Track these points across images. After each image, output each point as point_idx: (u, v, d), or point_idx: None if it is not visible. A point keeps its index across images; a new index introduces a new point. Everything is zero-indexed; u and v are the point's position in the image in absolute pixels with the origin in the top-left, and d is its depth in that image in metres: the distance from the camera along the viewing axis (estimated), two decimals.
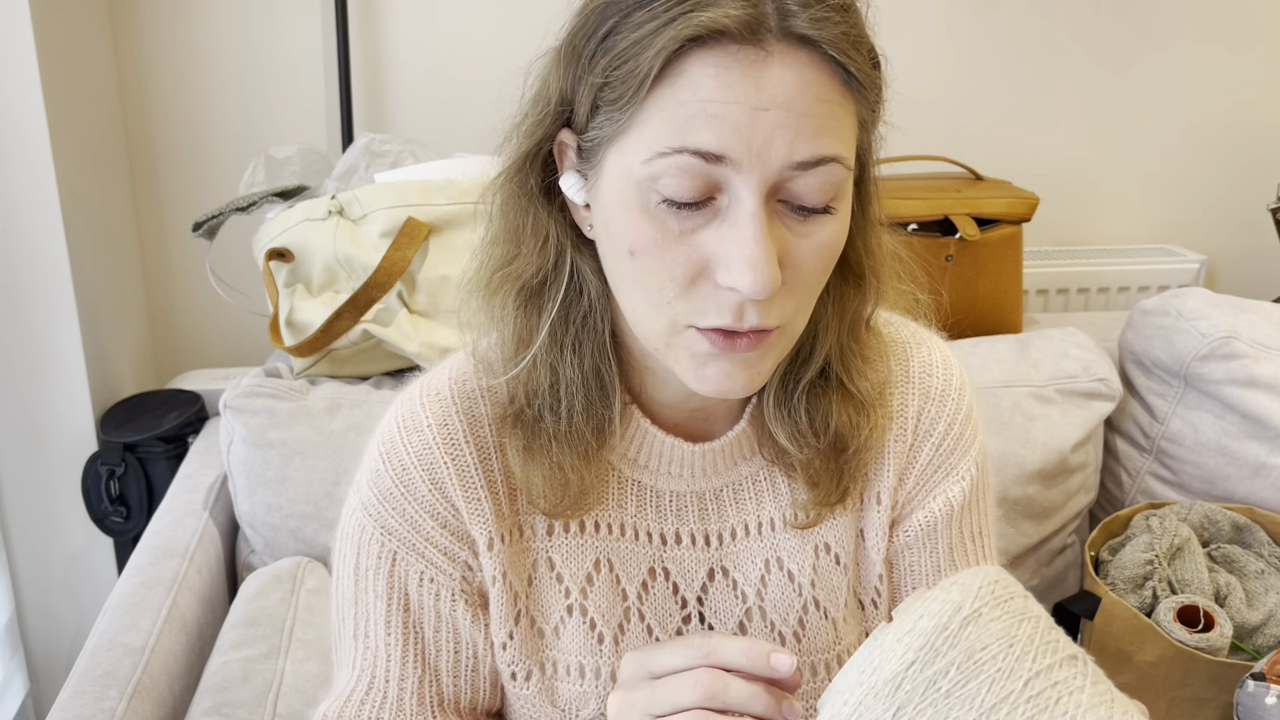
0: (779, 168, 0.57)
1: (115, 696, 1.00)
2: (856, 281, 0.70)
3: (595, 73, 0.59)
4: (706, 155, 0.56)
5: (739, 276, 0.57)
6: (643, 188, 0.59)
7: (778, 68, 0.56)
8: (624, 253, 0.61)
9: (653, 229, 0.59)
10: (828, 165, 0.58)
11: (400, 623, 0.73)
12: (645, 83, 0.57)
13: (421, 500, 0.71)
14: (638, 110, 0.58)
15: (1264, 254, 2.02)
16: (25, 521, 1.54)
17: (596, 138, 0.61)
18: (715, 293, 0.59)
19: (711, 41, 0.56)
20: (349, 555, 0.74)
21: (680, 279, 0.60)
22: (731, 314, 0.59)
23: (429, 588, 0.73)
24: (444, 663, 0.74)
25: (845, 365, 0.72)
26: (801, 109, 0.56)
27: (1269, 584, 1.27)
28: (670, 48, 0.56)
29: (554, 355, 0.68)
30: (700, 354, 0.62)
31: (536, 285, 0.68)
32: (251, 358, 1.71)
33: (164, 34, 1.60)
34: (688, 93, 0.56)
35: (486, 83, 1.66)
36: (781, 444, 0.72)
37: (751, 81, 0.56)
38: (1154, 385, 1.47)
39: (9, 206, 1.39)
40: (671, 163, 0.57)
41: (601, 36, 0.59)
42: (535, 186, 0.66)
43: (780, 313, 0.61)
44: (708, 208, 0.59)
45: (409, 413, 0.73)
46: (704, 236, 0.59)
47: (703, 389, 0.63)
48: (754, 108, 0.56)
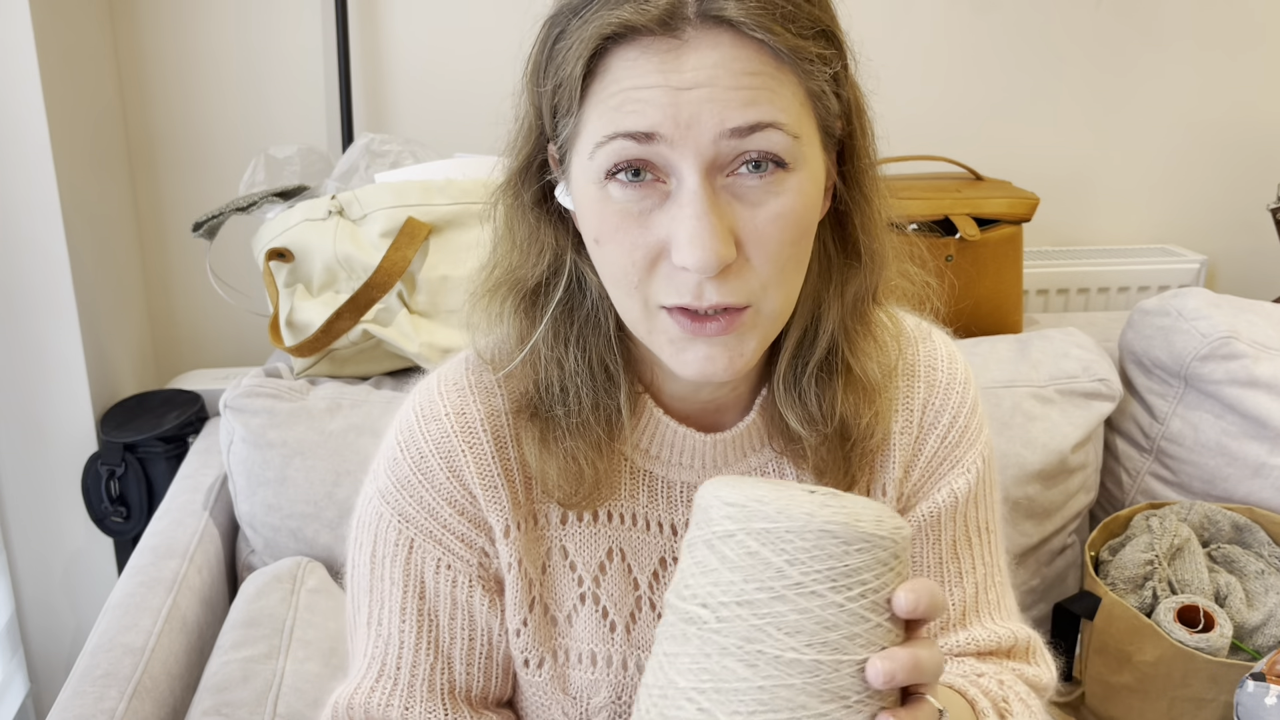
0: (712, 138, 0.58)
1: (115, 696, 1.00)
2: (857, 259, 0.71)
3: (547, 83, 0.63)
4: (637, 136, 0.59)
5: (686, 254, 0.59)
6: (595, 181, 0.61)
7: (695, 51, 0.58)
8: (594, 244, 0.64)
9: (613, 216, 0.62)
10: (764, 131, 0.59)
11: (415, 610, 0.74)
12: (577, 85, 0.60)
13: (439, 487, 0.73)
14: (580, 112, 0.61)
15: (1264, 254, 2.02)
16: (25, 521, 1.54)
17: (563, 145, 0.64)
18: (674, 273, 0.61)
19: (629, 37, 0.58)
20: (365, 543, 0.75)
21: (640, 262, 0.62)
22: (691, 292, 0.61)
23: (446, 574, 0.74)
24: (458, 650, 0.75)
25: (852, 347, 0.73)
26: (727, 84, 0.58)
27: (1269, 584, 1.27)
28: (589, 48, 0.59)
29: (559, 350, 0.70)
30: (676, 338, 0.63)
31: (534, 289, 0.71)
32: (251, 358, 1.71)
33: (164, 34, 1.60)
34: (613, 85, 0.59)
35: (487, 82, 1.66)
36: (792, 428, 0.73)
37: (670, 66, 0.58)
38: (1154, 385, 1.47)
39: (9, 206, 1.39)
40: (609, 150, 0.60)
41: (550, 48, 0.63)
42: (529, 200, 0.70)
43: (745, 290, 0.61)
44: (657, 191, 0.61)
45: (427, 402, 0.74)
46: (657, 219, 0.61)
47: (685, 373, 0.64)
48: (675, 88, 0.58)
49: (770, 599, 0.52)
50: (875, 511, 0.54)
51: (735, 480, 0.56)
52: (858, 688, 0.52)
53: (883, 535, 0.52)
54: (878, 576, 0.52)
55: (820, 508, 0.53)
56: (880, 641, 0.53)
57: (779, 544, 0.52)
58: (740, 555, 0.53)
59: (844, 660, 0.52)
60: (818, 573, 0.52)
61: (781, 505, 0.52)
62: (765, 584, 0.52)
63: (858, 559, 0.52)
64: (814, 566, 0.52)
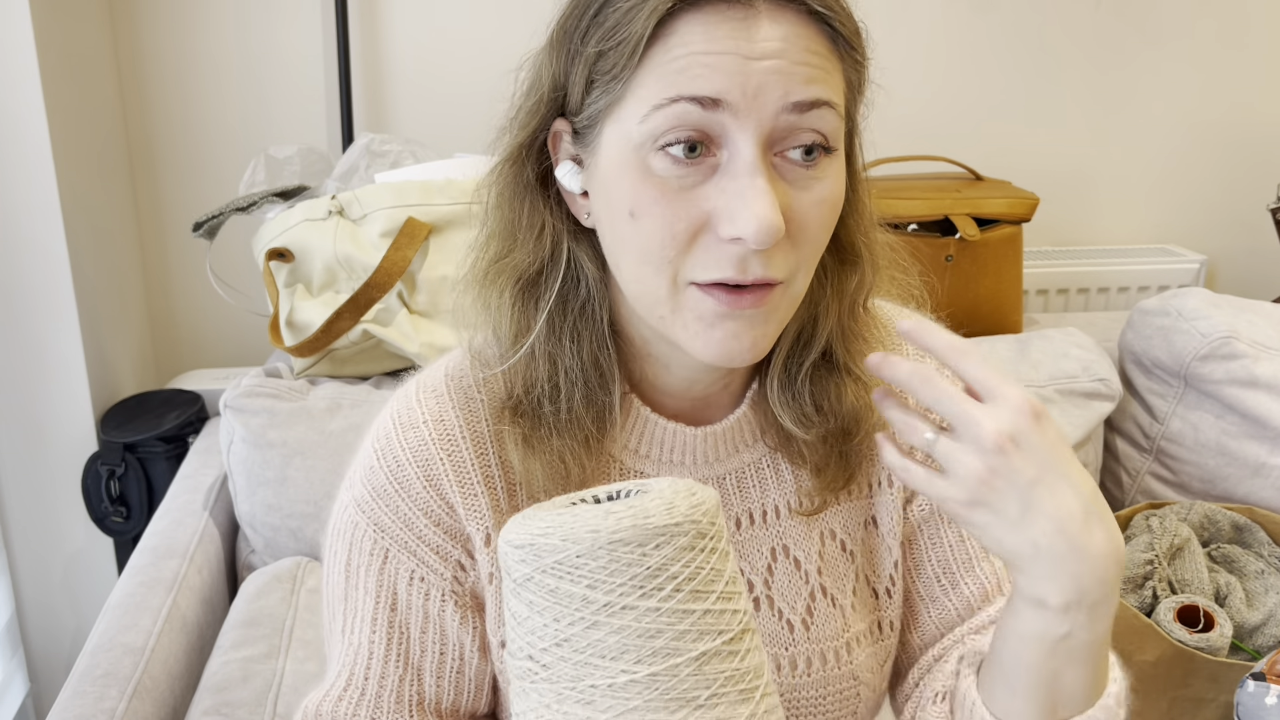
0: (775, 110, 0.58)
1: (115, 696, 1.00)
2: (852, 260, 0.71)
3: (589, 46, 0.61)
4: (703, 100, 0.58)
5: (743, 224, 0.58)
6: (642, 149, 0.60)
7: (767, 22, 0.58)
8: (624, 216, 0.62)
9: (653, 188, 0.60)
10: (821, 109, 0.60)
11: (386, 621, 0.73)
12: (639, 46, 0.59)
13: (416, 497, 0.71)
14: (632, 76, 0.60)
15: (1264, 254, 2.02)
16: (25, 521, 1.54)
17: (592, 114, 0.62)
18: (717, 245, 0.60)
19: (699, 2, 0.58)
20: (340, 551, 0.74)
21: (681, 235, 0.60)
22: (734, 266, 0.60)
23: (419, 587, 0.72)
24: (428, 663, 0.74)
25: (848, 347, 0.73)
26: (794, 58, 0.58)
27: (1269, 584, 1.27)
28: (662, 8, 0.58)
29: (552, 345, 0.69)
30: (706, 314, 0.62)
31: (533, 276, 0.69)
32: (251, 358, 1.71)
33: (164, 34, 1.60)
34: (680, 49, 0.58)
35: (486, 82, 1.66)
36: (788, 428, 0.72)
37: (742, 34, 0.58)
38: (1154, 385, 1.47)
39: (9, 206, 1.39)
40: (669, 113, 0.59)
41: (594, 12, 0.61)
42: (531, 177, 0.67)
43: (784, 266, 0.62)
44: (706, 164, 0.60)
45: (405, 409, 0.73)
46: (704, 191, 0.60)
47: (708, 354, 0.63)
48: (746, 57, 0.58)
49: (585, 629, 0.49)
50: (667, 498, 0.51)
51: (523, 518, 0.53)
52: (704, 684, 0.50)
53: (676, 522, 0.50)
54: (687, 565, 0.50)
55: (605, 517, 0.50)
56: (715, 626, 0.50)
57: (574, 572, 0.50)
58: (542, 596, 0.50)
59: (679, 663, 0.49)
60: (621, 586, 0.49)
61: (566, 531, 0.50)
62: (575, 617, 0.50)
63: (658, 556, 0.50)
64: (615, 581, 0.49)
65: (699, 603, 0.50)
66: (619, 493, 0.56)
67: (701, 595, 0.50)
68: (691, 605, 0.50)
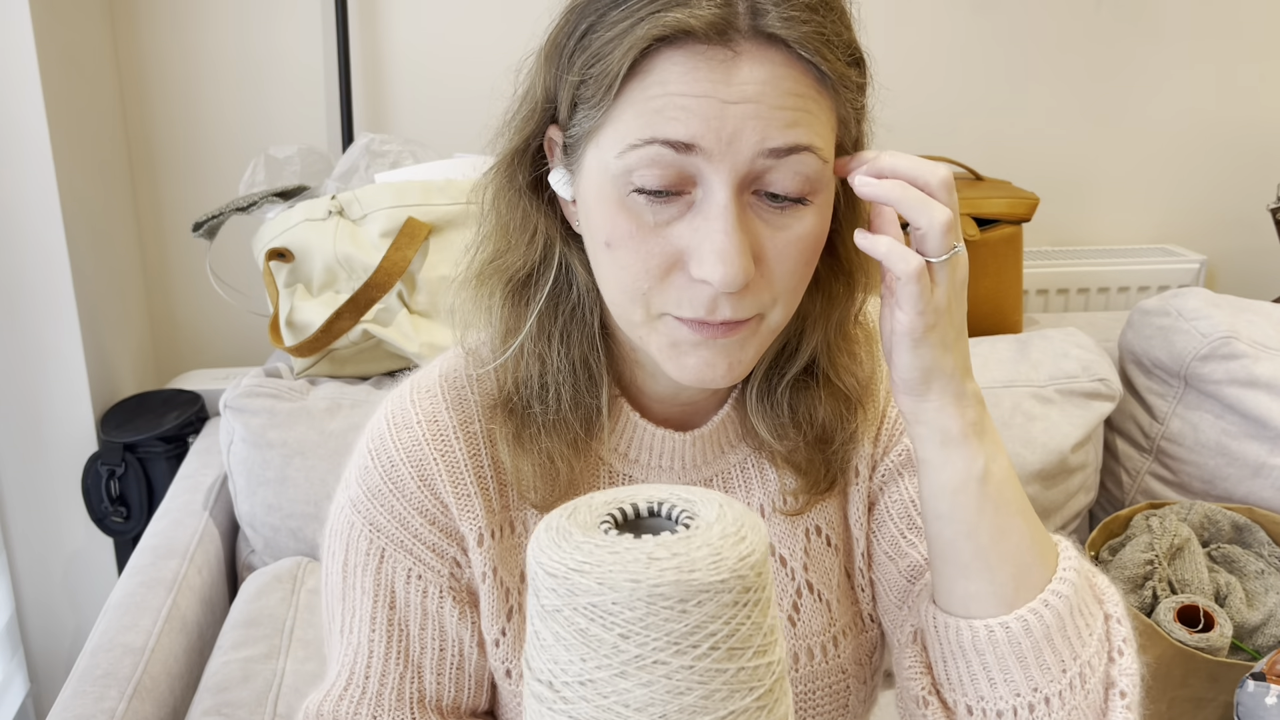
0: (750, 156, 0.58)
1: (115, 696, 1.00)
2: (846, 280, 0.71)
3: (573, 70, 0.61)
4: (676, 145, 0.58)
5: (710, 269, 0.58)
6: (618, 181, 0.60)
7: (747, 65, 0.57)
8: (601, 245, 0.62)
9: (628, 221, 0.60)
10: (800, 154, 0.59)
11: (385, 620, 0.73)
12: (616, 80, 0.58)
13: (410, 497, 0.72)
14: (611, 107, 0.59)
15: (1264, 254, 2.02)
16: (25, 521, 1.54)
17: (577, 134, 0.62)
18: (689, 285, 0.61)
19: (680, 40, 0.57)
20: (337, 552, 0.74)
21: (655, 270, 0.61)
22: (704, 307, 0.61)
23: (416, 584, 0.73)
24: (428, 660, 0.74)
25: (833, 361, 0.73)
26: (773, 102, 0.57)
27: (1269, 584, 1.27)
28: (639, 46, 0.57)
29: (542, 345, 0.69)
30: (680, 341, 0.63)
31: (524, 277, 0.69)
32: (251, 358, 1.72)
33: (164, 34, 1.60)
34: (657, 88, 0.58)
35: (486, 83, 1.65)
36: (762, 436, 0.73)
37: (720, 77, 0.57)
38: (1154, 385, 1.47)
39: (9, 206, 1.39)
40: (643, 154, 0.58)
41: (580, 35, 0.60)
42: (524, 181, 0.68)
43: (755, 304, 0.62)
44: (681, 200, 0.60)
45: (399, 409, 0.73)
46: (677, 229, 0.60)
47: (683, 377, 0.64)
48: (723, 101, 0.57)
49: (612, 676, 0.47)
50: (715, 547, 0.48)
51: (559, 536, 0.50)
52: None
53: (722, 579, 0.47)
54: (727, 622, 0.47)
55: (648, 565, 0.47)
56: (748, 683, 0.48)
57: (607, 618, 0.47)
58: (572, 634, 0.48)
59: None
60: (655, 641, 0.46)
61: (603, 574, 0.47)
62: (603, 662, 0.47)
63: (698, 615, 0.47)
64: (649, 635, 0.46)
65: (734, 661, 0.48)
66: (661, 506, 0.52)
67: (738, 653, 0.48)
68: (726, 664, 0.47)
